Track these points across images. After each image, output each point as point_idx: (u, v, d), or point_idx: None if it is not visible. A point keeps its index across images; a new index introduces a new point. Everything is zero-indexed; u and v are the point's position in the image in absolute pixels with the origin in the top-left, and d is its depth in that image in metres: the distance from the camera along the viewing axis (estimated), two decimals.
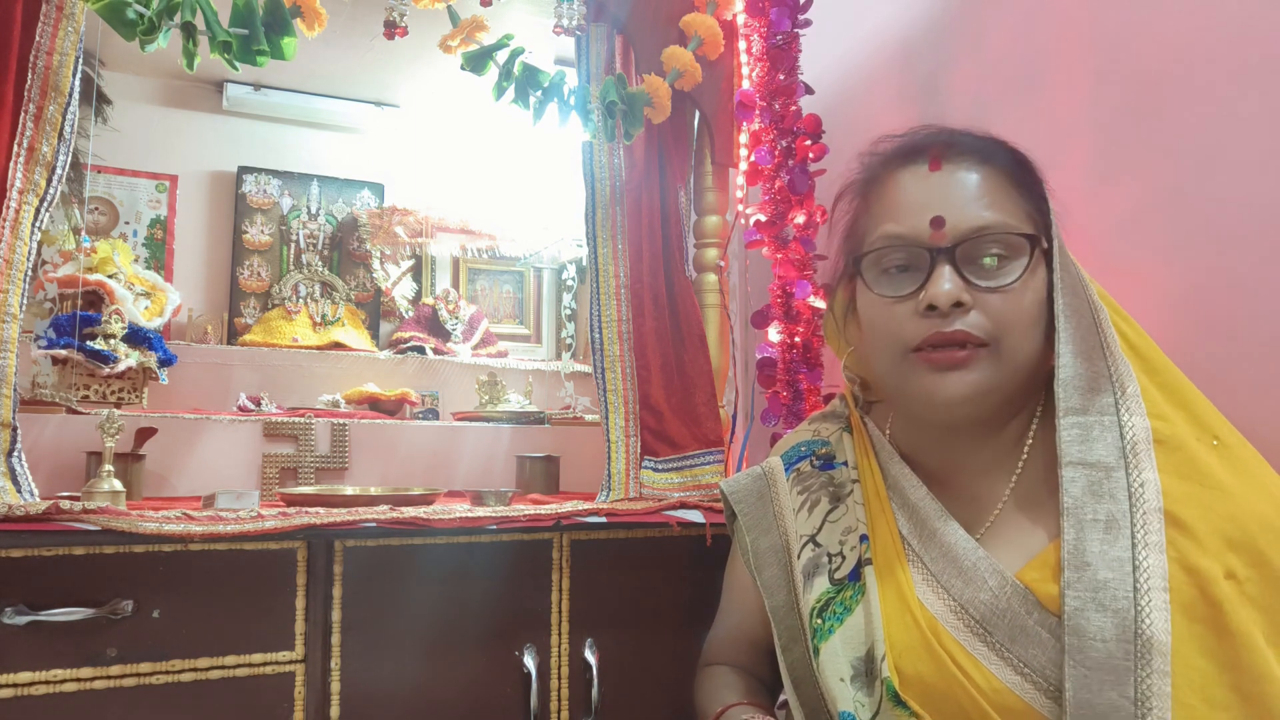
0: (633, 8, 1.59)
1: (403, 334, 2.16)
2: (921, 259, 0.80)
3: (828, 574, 0.88)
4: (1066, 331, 0.79)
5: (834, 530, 0.91)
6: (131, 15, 1.16)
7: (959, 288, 0.78)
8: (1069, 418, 0.77)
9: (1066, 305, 0.79)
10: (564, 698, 1.23)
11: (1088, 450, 0.75)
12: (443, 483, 1.75)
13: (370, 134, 2.30)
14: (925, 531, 0.83)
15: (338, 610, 1.13)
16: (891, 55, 1.68)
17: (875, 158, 0.88)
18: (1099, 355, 0.79)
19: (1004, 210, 0.80)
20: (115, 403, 1.66)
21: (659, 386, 1.55)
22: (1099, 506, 0.73)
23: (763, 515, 0.98)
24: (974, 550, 0.79)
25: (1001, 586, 0.76)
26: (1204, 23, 1.09)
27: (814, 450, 0.99)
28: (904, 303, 0.80)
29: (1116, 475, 0.74)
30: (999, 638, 0.74)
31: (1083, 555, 0.71)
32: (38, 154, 1.23)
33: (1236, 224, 1.04)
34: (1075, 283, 0.81)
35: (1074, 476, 0.75)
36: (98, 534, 1.01)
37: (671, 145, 1.62)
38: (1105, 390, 0.77)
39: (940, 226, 0.79)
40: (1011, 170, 0.82)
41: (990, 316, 0.78)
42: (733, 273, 1.81)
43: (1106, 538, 0.71)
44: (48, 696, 1.00)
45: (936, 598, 0.79)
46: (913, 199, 0.82)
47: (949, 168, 0.81)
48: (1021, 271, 0.78)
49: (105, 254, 1.77)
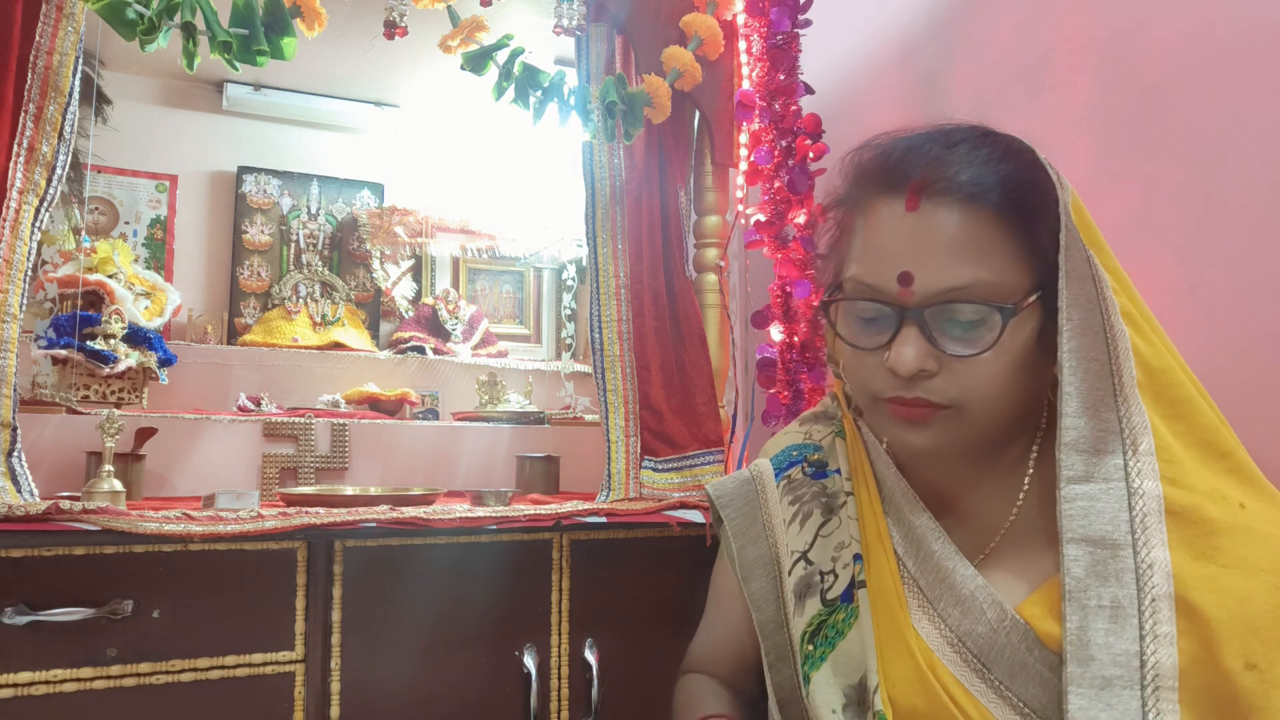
0: (633, 8, 1.59)
1: (403, 334, 2.16)
2: (889, 315, 0.73)
3: (820, 594, 0.84)
4: (1071, 384, 0.71)
5: (827, 546, 0.86)
6: (131, 15, 1.16)
7: (923, 354, 0.72)
8: (1071, 487, 0.70)
9: (1073, 351, 0.71)
10: (564, 698, 1.23)
11: (1090, 525, 0.69)
12: (443, 483, 1.75)
13: (370, 134, 2.30)
14: (922, 554, 0.78)
15: (338, 610, 1.13)
16: (891, 55, 1.67)
17: (856, 171, 0.80)
18: (1109, 405, 0.71)
19: (984, 264, 0.71)
20: (115, 403, 1.66)
21: (659, 386, 1.55)
22: (1104, 590, 0.67)
23: (751, 523, 0.93)
24: (973, 578, 0.74)
25: (1000, 620, 0.72)
26: (1207, 22, 1.09)
27: (805, 456, 0.94)
28: (872, 354, 0.75)
29: (1124, 554, 0.67)
30: (998, 674, 0.71)
31: (1087, 648, 0.65)
32: (38, 154, 1.23)
33: (1239, 224, 1.04)
34: (1087, 317, 0.72)
35: (1076, 555, 0.68)
36: (98, 534, 1.01)
37: (671, 145, 1.62)
38: (1114, 450, 0.70)
39: (909, 284, 0.72)
40: (1002, 212, 0.72)
41: (956, 384, 0.72)
42: (733, 273, 1.81)
43: (1112, 627, 0.66)
44: (48, 696, 1.00)
45: (933, 627, 0.75)
46: (883, 244, 0.74)
47: (927, 208, 0.72)
48: (995, 338, 0.71)
49: (105, 254, 1.77)
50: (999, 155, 0.74)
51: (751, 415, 1.81)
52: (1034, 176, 0.74)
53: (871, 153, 0.79)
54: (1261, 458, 0.78)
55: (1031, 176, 0.74)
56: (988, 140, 0.76)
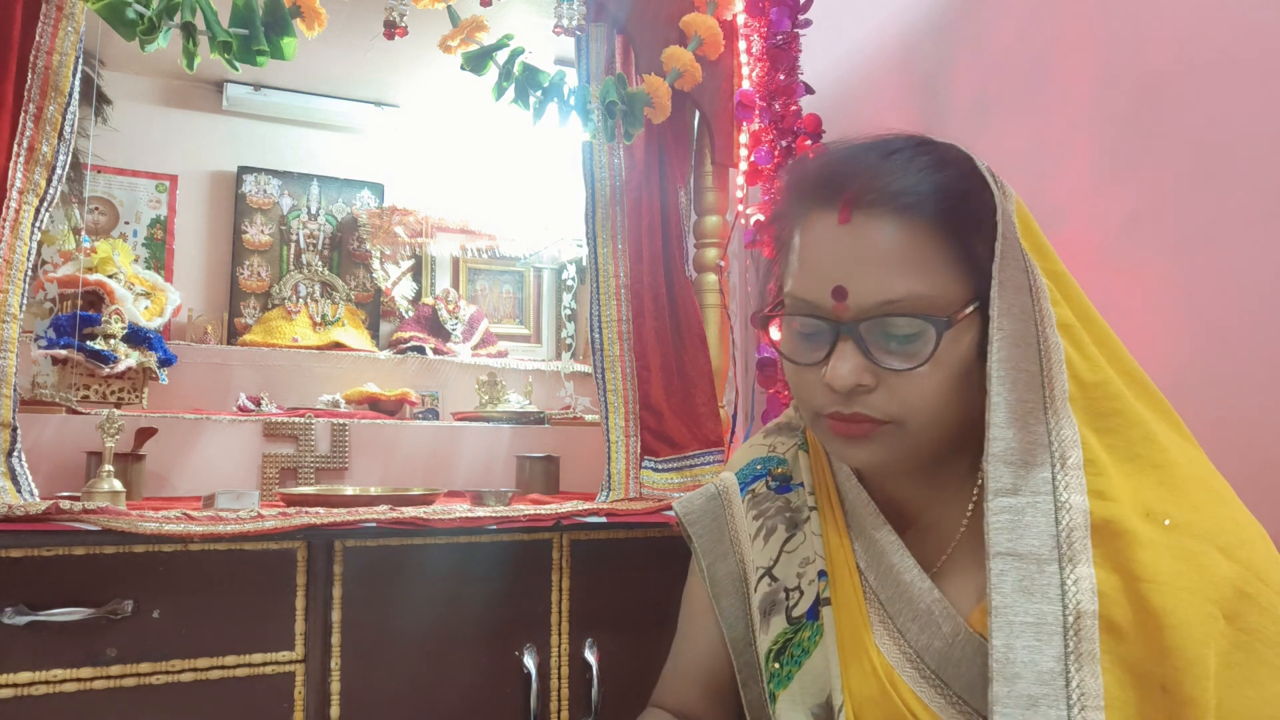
0: (633, 8, 1.59)
1: (403, 334, 2.16)
2: (825, 330, 0.73)
3: (785, 611, 0.83)
4: (1000, 395, 0.70)
5: (791, 562, 0.85)
6: (131, 15, 1.16)
7: (859, 369, 0.71)
8: (998, 499, 0.69)
9: (1003, 361, 0.70)
10: (564, 698, 1.23)
11: (1018, 539, 0.68)
12: (443, 483, 1.75)
13: (370, 134, 2.30)
14: (883, 568, 0.77)
15: (338, 610, 1.13)
16: (891, 55, 1.67)
17: (792, 185, 0.78)
18: (1038, 417, 0.70)
19: (918, 276, 0.70)
20: (115, 403, 1.66)
21: (659, 386, 1.56)
22: (1029, 606, 0.65)
23: (719, 540, 0.92)
24: (929, 592, 0.74)
25: (955, 634, 0.71)
26: (1207, 22, 1.09)
27: (770, 469, 0.92)
28: (811, 370, 0.74)
29: (1049, 570, 0.66)
30: (956, 688, 0.70)
31: (1012, 665, 0.64)
32: (38, 154, 1.23)
33: (1239, 224, 1.04)
34: (1020, 328, 0.71)
35: (1003, 569, 0.67)
36: (98, 534, 1.01)
37: (671, 145, 1.62)
38: (1042, 463, 0.69)
39: (843, 298, 0.71)
40: (935, 221, 0.71)
41: (895, 398, 0.71)
42: (733, 273, 1.81)
43: (1035, 644, 0.65)
44: (48, 696, 1.00)
45: (894, 643, 0.74)
46: (818, 259, 0.73)
47: (860, 220, 0.71)
48: (931, 352, 0.70)
49: (105, 254, 1.77)
50: (934, 164, 0.73)
51: (751, 415, 1.81)
52: (971, 185, 0.73)
53: (807, 166, 0.78)
54: (1261, 457, 0.78)
55: (969, 185, 0.73)
56: (924, 149, 0.74)
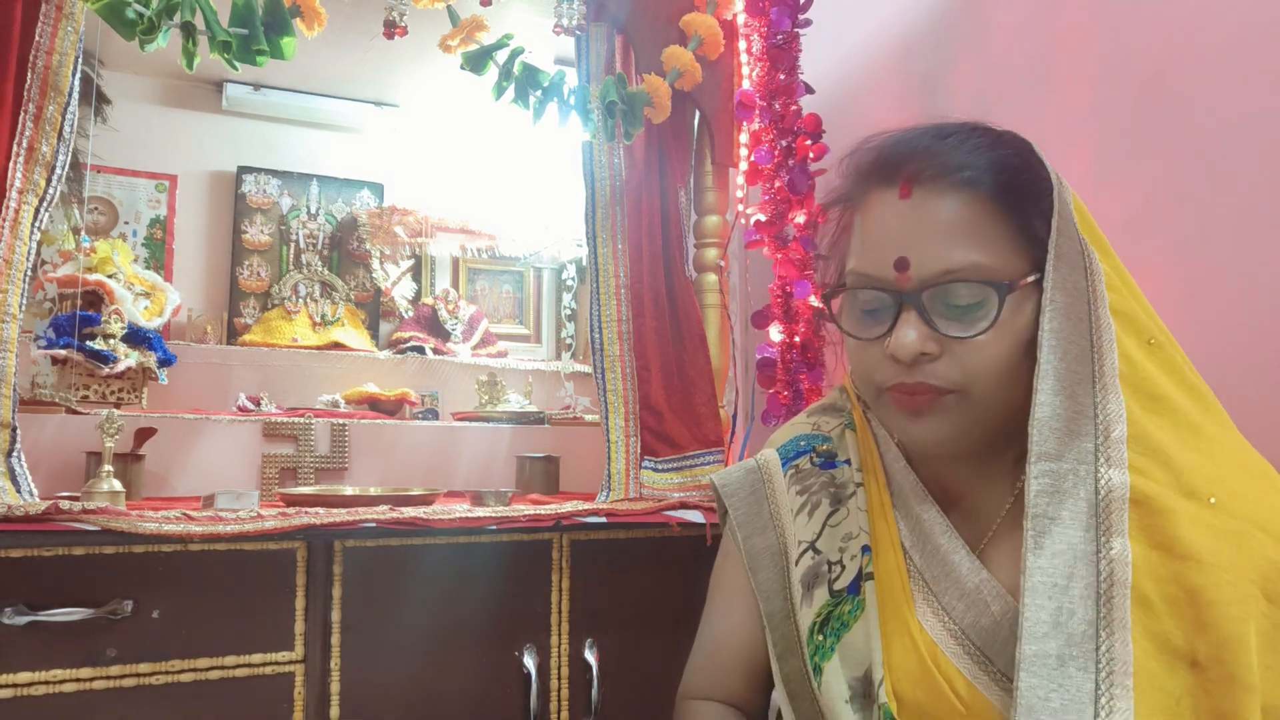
0: (633, 7, 1.59)
1: (402, 334, 2.16)
2: (888, 302, 0.75)
3: (827, 584, 0.84)
4: (1049, 364, 0.72)
5: (834, 536, 0.87)
6: (131, 15, 1.16)
7: (923, 337, 0.72)
8: (1041, 463, 0.70)
9: (1054, 331, 0.72)
10: (564, 698, 1.23)
11: (1057, 504, 0.69)
12: (443, 483, 1.75)
13: (370, 134, 2.30)
14: (929, 547, 0.79)
15: (337, 610, 1.12)
16: (891, 55, 1.67)
17: (852, 169, 0.81)
18: (1085, 389, 0.72)
19: (979, 247, 0.72)
20: (115, 403, 1.66)
21: (659, 386, 1.55)
22: (1064, 568, 0.68)
23: (758, 513, 0.94)
24: (977, 571, 0.75)
25: (1004, 613, 0.73)
26: (1208, 22, 1.09)
27: (814, 446, 0.94)
28: (874, 344, 0.76)
29: (1086, 537, 0.68)
30: (1000, 665, 0.71)
31: (1041, 625, 0.66)
32: (37, 154, 1.23)
33: (1239, 224, 1.04)
34: (1072, 303, 0.73)
35: (1040, 531, 0.69)
36: (97, 534, 1.01)
37: (671, 145, 1.62)
38: (1086, 433, 0.71)
39: (905, 269, 0.73)
40: (994, 195, 0.73)
41: (958, 366, 0.73)
42: (733, 273, 1.81)
43: (1068, 607, 0.67)
44: (48, 696, 1.00)
45: (937, 620, 0.76)
46: (880, 234, 0.76)
47: (920, 195, 0.74)
48: (993, 319, 0.72)
49: (105, 254, 1.77)
50: (991, 143, 0.76)
51: (751, 415, 1.81)
52: (1027, 161, 0.76)
53: (866, 150, 0.81)
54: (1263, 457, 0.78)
55: (1025, 161, 0.76)
56: (979, 130, 0.78)
